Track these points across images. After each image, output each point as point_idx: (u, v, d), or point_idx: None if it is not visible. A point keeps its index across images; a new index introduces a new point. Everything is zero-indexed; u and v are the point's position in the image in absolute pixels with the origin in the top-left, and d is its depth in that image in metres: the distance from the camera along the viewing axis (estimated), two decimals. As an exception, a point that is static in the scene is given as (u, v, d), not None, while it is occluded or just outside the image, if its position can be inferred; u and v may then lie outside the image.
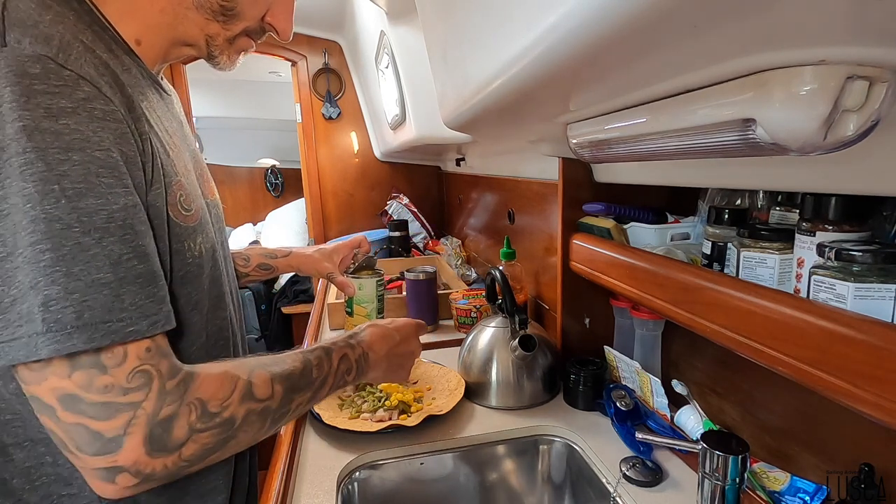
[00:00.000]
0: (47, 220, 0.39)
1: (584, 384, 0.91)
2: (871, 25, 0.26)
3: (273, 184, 4.14)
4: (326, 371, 0.61)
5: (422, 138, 1.41)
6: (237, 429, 0.49)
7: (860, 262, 0.43)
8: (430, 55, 0.76)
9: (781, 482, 0.63)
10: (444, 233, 2.45)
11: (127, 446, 0.42)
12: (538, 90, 0.46)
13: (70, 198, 0.40)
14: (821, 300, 0.45)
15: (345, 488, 0.79)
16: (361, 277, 1.18)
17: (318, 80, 2.40)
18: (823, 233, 0.49)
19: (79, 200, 0.41)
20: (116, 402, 0.42)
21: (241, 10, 0.56)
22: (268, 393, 0.52)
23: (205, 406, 0.47)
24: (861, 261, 0.43)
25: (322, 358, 0.61)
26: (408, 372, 0.78)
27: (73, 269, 0.40)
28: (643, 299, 0.69)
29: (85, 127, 0.42)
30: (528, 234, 1.32)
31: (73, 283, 0.40)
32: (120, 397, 0.42)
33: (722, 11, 0.25)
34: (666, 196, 0.89)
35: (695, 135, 0.41)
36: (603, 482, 0.76)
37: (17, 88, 0.39)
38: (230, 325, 0.65)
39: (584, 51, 0.33)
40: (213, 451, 0.48)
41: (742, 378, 0.74)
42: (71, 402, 0.41)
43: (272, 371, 0.54)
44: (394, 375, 0.75)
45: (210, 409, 0.47)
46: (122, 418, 0.42)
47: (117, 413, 0.42)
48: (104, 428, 0.42)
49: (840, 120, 0.31)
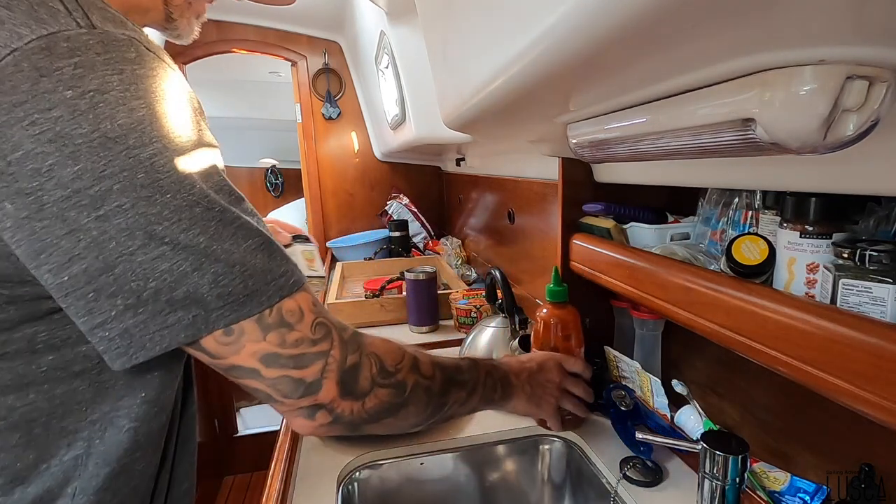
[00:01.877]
0: (189, 207, 0.40)
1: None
2: (871, 25, 0.26)
3: (273, 184, 4.14)
4: (476, 378, 0.63)
5: (422, 138, 1.41)
6: (408, 396, 0.53)
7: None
8: (430, 55, 0.76)
9: (781, 482, 0.63)
10: (444, 233, 2.45)
11: (325, 387, 0.47)
12: (538, 90, 0.46)
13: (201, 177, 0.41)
14: (850, 305, 0.44)
15: (345, 488, 0.79)
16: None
17: (318, 80, 2.40)
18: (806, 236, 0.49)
19: (209, 180, 0.42)
20: (310, 353, 0.46)
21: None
22: (431, 372, 0.55)
23: (382, 362, 0.51)
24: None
25: (471, 365, 0.63)
26: (552, 408, 0.75)
27: (224, 245, 0.41)
28: (643, 299, 0.69)
29: (183, 107, 0.42)
30: (527, 234, 1.32)
31: (231, 257, 0.42)
32: (311, 348, 0.46)
33: (722, 11, 0.25)
34: (666, 196, 0.89)
35: (695, 135, 0.41)
36: (603, 482, 0.76)
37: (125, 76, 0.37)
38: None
39: (584, 51, 0.33)
40: (387, 411, 0.52)
41: (742, 378, 0.74)
42: (272, 360, 0.45)
43: (430, 356, 0.57)
44: (537, 404, 0.73)
45: (387, 367, 0.51)
46: (317, 365, 0.47)
47: (313, 361, 0.47)
48: (305, 374, 0.46)
49: (840, 120, 0.31)
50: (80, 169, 0.35)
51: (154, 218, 0.38)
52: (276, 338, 0.45)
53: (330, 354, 0.48)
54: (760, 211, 0.61)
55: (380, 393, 0.51)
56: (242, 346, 0.44)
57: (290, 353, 0.46)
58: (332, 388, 0.48)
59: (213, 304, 0.41)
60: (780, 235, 0.53)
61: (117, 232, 0.37)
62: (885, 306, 0.41)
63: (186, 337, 0.41)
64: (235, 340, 0.43)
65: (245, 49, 2.34)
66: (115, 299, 0.38)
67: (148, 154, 0.38)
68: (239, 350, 0.44)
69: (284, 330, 0.45)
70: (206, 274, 0.40)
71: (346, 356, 0.49)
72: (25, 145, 0.34)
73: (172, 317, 0.40)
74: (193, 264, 0.40)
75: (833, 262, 0.47)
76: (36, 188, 0.35)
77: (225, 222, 0.42)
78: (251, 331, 0.44)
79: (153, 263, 0.39)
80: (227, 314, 0.42)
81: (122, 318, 0.39)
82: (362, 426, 0.51)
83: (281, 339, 0.45)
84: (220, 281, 0.41)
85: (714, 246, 0.70)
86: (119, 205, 0.37)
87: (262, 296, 0.43)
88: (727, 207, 0.68)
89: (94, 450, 0.46)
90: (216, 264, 0.41)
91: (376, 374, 0.50)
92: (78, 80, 0.35)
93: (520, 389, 0.70)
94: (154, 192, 0.38)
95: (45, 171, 0.35)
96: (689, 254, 0.70)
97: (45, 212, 0.35)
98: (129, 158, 0.37)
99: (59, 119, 0.35)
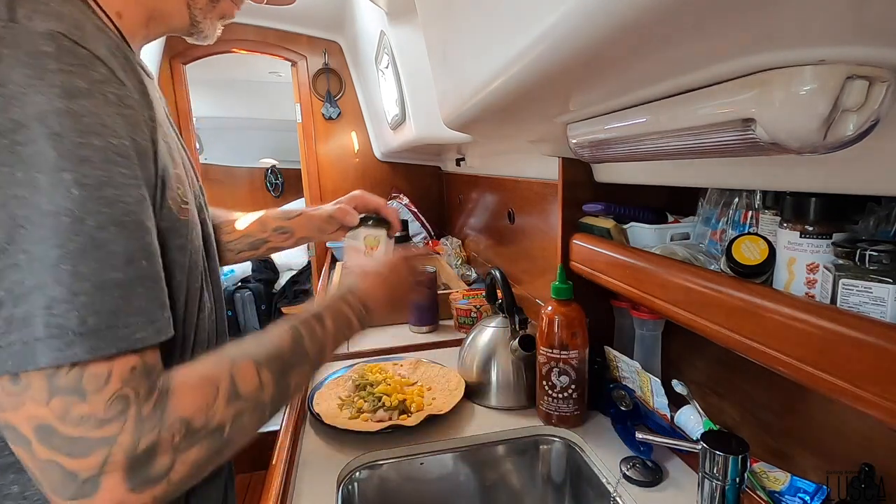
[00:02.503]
0: (55, 214, 0.35)
1: (584, 384, 0.90)
2: (871, 25, 0.26)
3: (273, 184, 4.14)
4: (321, 337, 0.56)
5: (422, 138, 1.41)
6: (230, 434, 0.45)
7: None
8: (430, 55, 0.76)
9: (781, 482, 0.63)
10: (444, 233, 2.45)
11: (105, 487, 0.37)
12: (538, 90, 0.46)
13: (87, 187, 0.37)
14: (850, 305, 0.44)
15: (345, 488, 0.79)
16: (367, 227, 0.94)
17: (318, 80, 2.40)
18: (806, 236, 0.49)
19: (96, 190, 0.37)
20: (90, 437, 0.37)
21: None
22: (255, 385, 0.47)
23: (188, 424, 0.42)
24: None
25: (313, 325, 0.56)
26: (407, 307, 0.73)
27: (79, 268, 0.36)
28: (643, 299, 0.69)
29: (101, 111, 0.39)
30: (527, 234, 1.32)
31: (80, 284, 0.36)
32: (94, 431, 0.37)
33: (722, 11, 0.25)
34: (666, 196, 0.89)
35: (695, 135, 0.41)
36: (603, 482, 0.76)
37: (30, 70, 0.36)
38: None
39: (584, 51, 0.33)
40: (206, 464, 0.44)
41: (742, 378, 0.74)
42: (46, 435, 0.36)
43: (256, 358, 0.48)
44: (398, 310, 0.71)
45: (195, 426, 0.42)
46: (97, 455, 0.37)
47: (91, 450, 0.37)
48: (78, 467, 0.37)
49: (840, 119, 0.31)
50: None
51: (21, 220, 0.35)
52: (59, 406, 0.36)
53: (116, 442, 0.37)
54: (760, 211, 0.61)
55: (187, 458, 0.41)
56: (23, 402, 0.36)
57: (68, 434, 0.36)
58: (115, 487, 0.37)
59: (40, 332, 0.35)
60: (780, 235, 0.53)
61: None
62: (885, 306, 0.41)
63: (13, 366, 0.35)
64: (20, 393, 0.36)
65: (245, 49, 2.34)
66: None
67: (32, 151, 0.35)
68: (18, 407, 0.36)
69: (73, 399, 0.36)
70: (44, 296, 0.35)
71: (139, 439, 0.38)
72: None
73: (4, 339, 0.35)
74: (37, 281, 0.35)
75: (833, 262, 0.47)
76: None
77: (97, 243, 0.37)
78: (38, 388, 0.36)
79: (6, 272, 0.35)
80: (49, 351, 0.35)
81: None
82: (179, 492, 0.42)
83: (64, 411, 0.36)
84: (53, 308, 0.35)
85: (714, 246, 0.70)
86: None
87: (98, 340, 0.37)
88: (727, 207, 0.69)
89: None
90: (57, 287, 0.35)
91: (179, 442, 0.41)
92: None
93: (376, 309, 0.65)
94: (29, 193, 0.35)
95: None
96: (689, 254, 0.70)
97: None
98: (10, 154, 0.35)
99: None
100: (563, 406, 0.85)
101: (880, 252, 0.42)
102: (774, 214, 0.58)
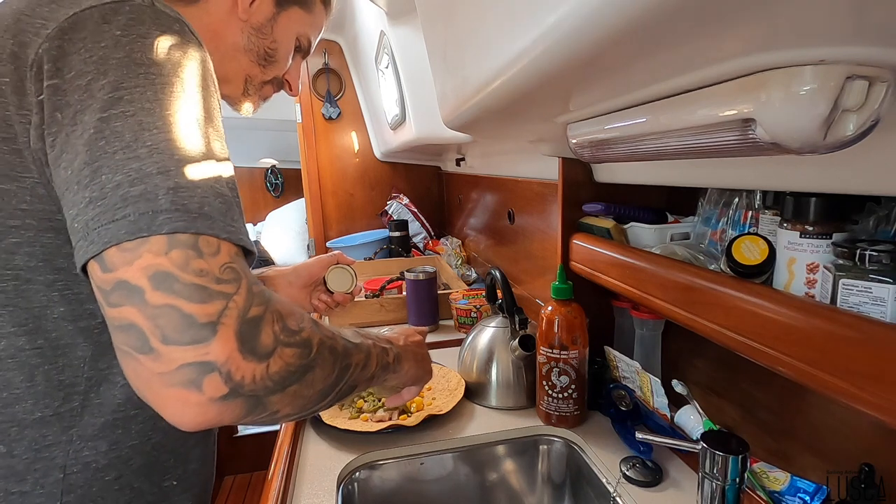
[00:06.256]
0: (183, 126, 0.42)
1: (584, 384, 0.90)
2: (871, 25, 0.26)
3: (273, 184, 4.14)
4: (367, 343, 0.58)
5: (422, 138, 1.41)
6: (314, 357, 0.46)
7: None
8: (430, 55, 0.76)
9: (781, 482, 0.63)
10: (444, 233, 2.45)
11: (221, 335, 0.38)
12: (538, 90, 0.46)
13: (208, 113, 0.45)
14: (850, 305, 0.44)
15: (345, 488, 0.79)
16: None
17: (318, 80, 2.40)
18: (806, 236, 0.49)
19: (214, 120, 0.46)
20: (210, 288, 0.39)
21: (278, 59, 0.69)
22: (330, 332, 0.50)
23: (284, 321, 0.44)
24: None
25: (355, 331, 0.58)
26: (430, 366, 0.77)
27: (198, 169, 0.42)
28: (643, 299, 0.69)
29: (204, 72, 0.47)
30: (527, 234, 1.32)
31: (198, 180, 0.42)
32: (214, 284, 0.39)
33: (722, 11, 0.25)
34: (666, 196, 0.89)
35: (695, 135, 0.41)
36: (603, 482, 0.76)
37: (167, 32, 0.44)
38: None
39: (584, 51, 0.33)
40: (293, 375, 0.44)
41: (742, 378, 0.74)
42: (164, 281, 0.37)
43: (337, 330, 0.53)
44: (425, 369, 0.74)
45: (289, 325, 0.44)
46: (216, 305, 0.39)
47: (211, 299, 0.39)
48: (198, 311, 0.38)
49: (840, 120, 0.31)
50: (105, 82, 0.41)
51: (147, 125, 0.41)
52: (179, 257, 0.38)
53: (232, 299, 0.40)
54: (760, 211, 0.61)
55: (285, 353, 0.43)
56: (139, 255, 0.38)
57: (189, 281, 0.38)
58: (229, 339, 0.39)
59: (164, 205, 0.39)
60: (780, 235, 0.53)
61: (111, 132, 0.40)
62: (885, 306, 0.41)
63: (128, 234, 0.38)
64: (136, 248, 0.38)
65: (245, 49, 2.34)
66: (85, 191, 0.40)
67: (162, 82, 0.43)
68: (133, 261, 0.38)
69: (193, 254, 0.39)
70: (170, 180, 0.40)
71: (250, 307, 0.41)
72: (77, 67, 0.41)
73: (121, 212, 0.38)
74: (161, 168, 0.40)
75: (833, 262, 0.47)
76: (76, 101, 0.41)
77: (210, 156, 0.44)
78: (157, 241, 0.38)
79: (127, 162, 0.40)
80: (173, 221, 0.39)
81: (86, 211, 0.40)
82: (265, 399, 0.42)
83: (185, 262, 0.38)
84: (179, 190, 0.40)
85: (714, 246, 0.70)
86: (123, 111, 0.41)
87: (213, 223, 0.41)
88: (727, 207, 0.69)
89: (88, 403, 0.48)
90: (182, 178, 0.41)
91: (279, 332, 0.43)
92: (128, 27, 0.43)
93: (408, 352, 0.68)
94: (155, 107, 0.42)
95: (84, 86, 0.41)
96: (689, 254, 0.70)
97: (74, 119, 0.41)
98: (145, 78, 0.42)
99: (104, 48, 0.42)
100: (563, 406, 0.85)
101: (880, 252, 0.42)
102: (774, 214, 0.58)
